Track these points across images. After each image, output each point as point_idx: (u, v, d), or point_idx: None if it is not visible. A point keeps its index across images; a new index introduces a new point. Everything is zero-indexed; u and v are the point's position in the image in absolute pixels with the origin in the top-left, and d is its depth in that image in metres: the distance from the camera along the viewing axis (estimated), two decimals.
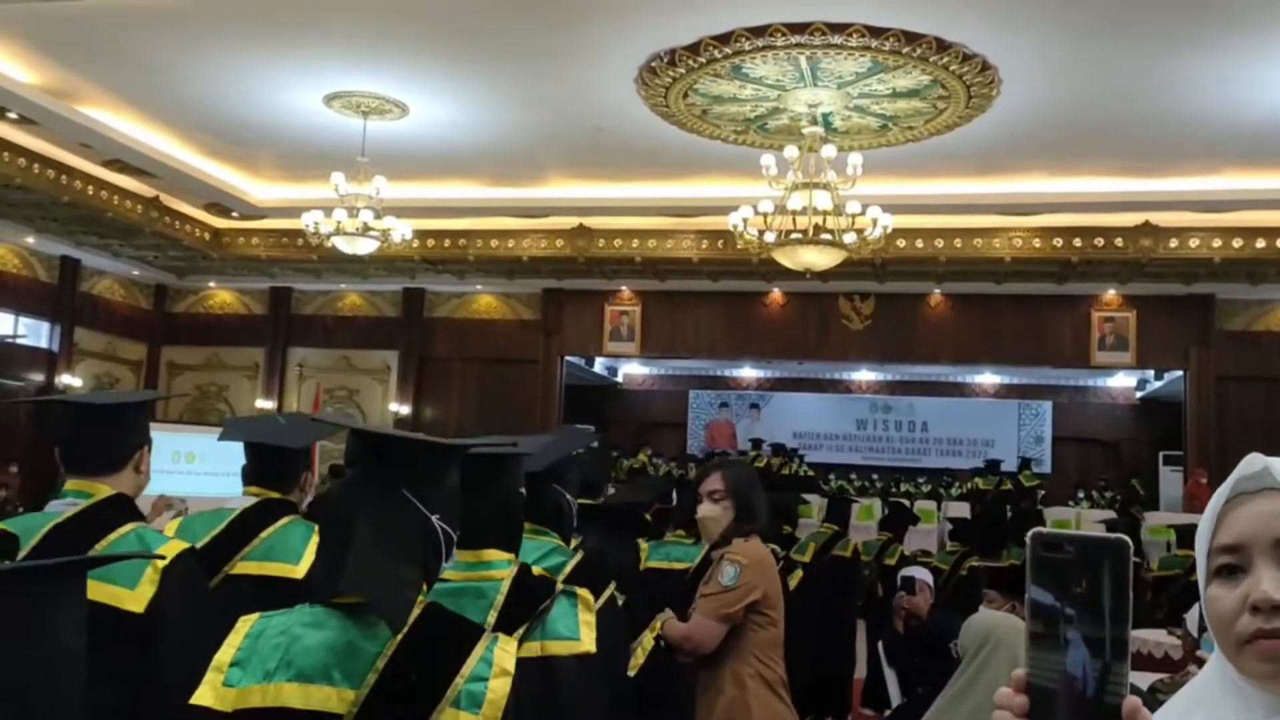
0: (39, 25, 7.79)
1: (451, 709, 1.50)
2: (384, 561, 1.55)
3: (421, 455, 1.66)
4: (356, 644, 1.52)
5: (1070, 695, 0.83)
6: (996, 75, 7.99)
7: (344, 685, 1.49)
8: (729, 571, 3.19)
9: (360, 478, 1.64)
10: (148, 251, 13.65)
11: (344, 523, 1.58)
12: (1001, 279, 12.85)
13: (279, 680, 1.50)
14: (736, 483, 3.37)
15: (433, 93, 8.87)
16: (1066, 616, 0.83)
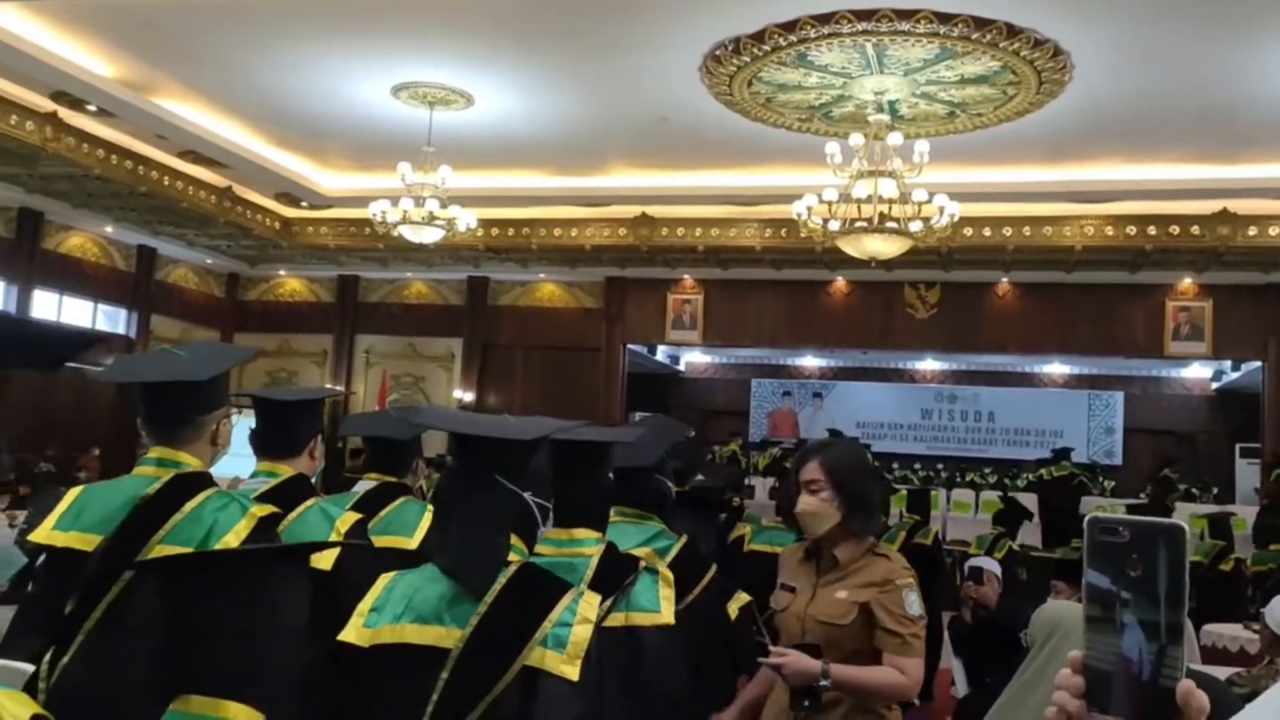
0: (118, 20, 8.00)
1: (540, 648, 1.79)
2: (475, 536, 1.88)
3: (509, 445, 1.96)
4: (463, 595, 1.83)
5: (1126, 677, 0.84)
6: (1069, 60, 7.83)
7: (452, 626, 1.81)
8: (914, 599, 2.75)
9: (460, 467, 1.98)
10: (221, 240, 13.97)
11: (447, 504, 1.96)
12: (1071, 268, 12.62)
13: (404, 621, 1.83)
14: (837, 470, 2.81)
15: (498, 83, 8.94)
16: (1122, 600, 0.84)
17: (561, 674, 1.79)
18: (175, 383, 2.35)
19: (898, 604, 2.73)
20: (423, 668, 1.78)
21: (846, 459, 2.89)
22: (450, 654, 1.79)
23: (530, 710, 1.78)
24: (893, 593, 2.74)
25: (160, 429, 2.36)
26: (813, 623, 2.83)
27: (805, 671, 2.67)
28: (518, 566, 1.89)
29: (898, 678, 2.70)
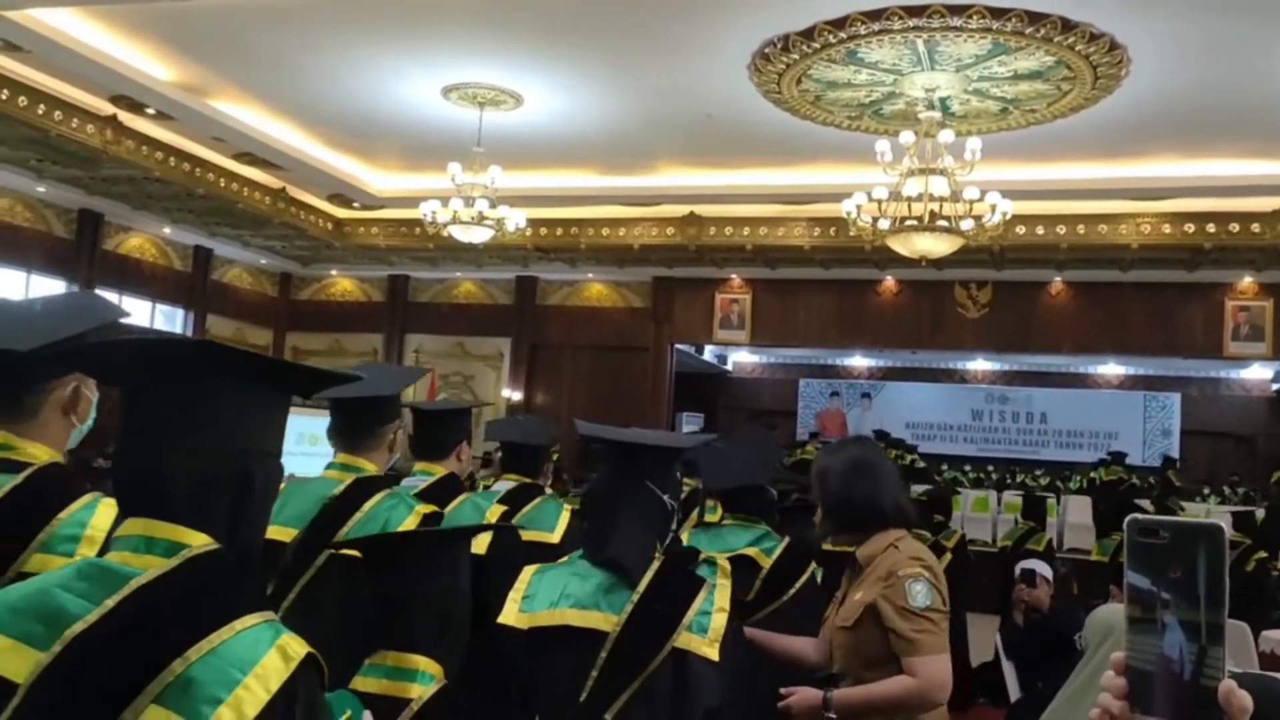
0: (176, 24, 8.16)
1: (686, 632, 2.10)
2: (633, 533, 2.21)
3: (658, 453, 2.31)
4: (617, 585, 2.15)
5: (1167, 677, 0.85)
6: (1125, 55, 7.70)
7: (609, 611, 2.11)
8: (919, 590, 2.56)
9: (614, 472, 2.30)
10: (275, 241, 14.19)
11: (604, 504, 2.28)
12: (1127, 266, 12.40)
13: (561, 607, 2.14)
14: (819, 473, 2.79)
15: (547, 83, 8.99)
16: (1163, 601, 0.85)
17: (705, 655, 2.09)
18: (365, 399, 2.66)
19: (901, 596, 2.53)
20: (582, 647, 2.08)
21: (831, 460, 2.81)
22: (609, 636, 2.08)
23: (681, 687, 2.06)
24: (895, 585, 2.55)
25: (347, 438, 2.75)
26: (834, 631, 2.73)
27: (810, 704, 2.57)
28: (663, 560, 2.20)
29: (906, 684, 2.48)
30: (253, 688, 1.14)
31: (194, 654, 1.15)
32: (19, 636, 1.19)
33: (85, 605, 1.19)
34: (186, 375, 1.29)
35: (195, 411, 1.28)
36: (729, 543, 3.35)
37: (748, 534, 3.41)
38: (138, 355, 1.34)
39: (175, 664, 1.14)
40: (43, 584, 1.26)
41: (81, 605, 1.20)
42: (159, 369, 1.31)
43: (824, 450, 2.97)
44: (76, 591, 1.22)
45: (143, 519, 1.27)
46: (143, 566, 1.22)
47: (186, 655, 1.15)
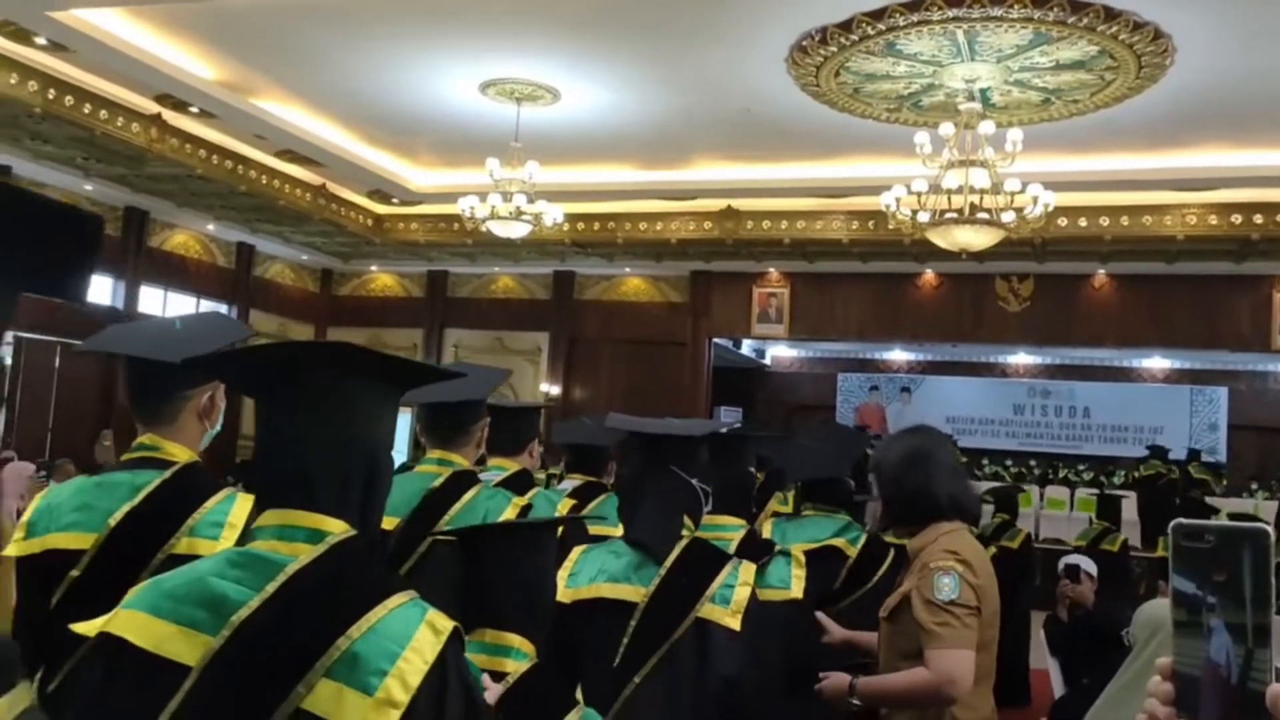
0: (219, 23, 8.26)
1: (709, 604, 2.30)
2: (657, 515, 2.40)
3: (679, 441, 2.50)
4: (647, 562, 2.37)
5: (1214, 682, 0.84)
6: (1170, 44, 7.58)
7: (639, 584, 2.35)
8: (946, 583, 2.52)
9: (641, 459, 2.53)
10: (316, 237, 14.33)
11: (633, 489, 2.51)
12: (1173, 258, 12.21)
13: (598, 581, 2.39)
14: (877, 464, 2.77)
15: (584, 78, 9.00)
16: (1209, 604, 0.84)
17: (727, 625, 2.30)
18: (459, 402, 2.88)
19: (928, 587, 2.51)
20: (614, 616, 2.33)
21: (889, 451, 2.78)
22: (637, 607, 2.32)
23: (704, 653, 2.27)
24: (925, 577, 2.53)
25: (440, 436, 2.94)
26: (880, 622, 2.73)
27: (838, 690, 2.58)
28: (689, 539, 2.43)
29: (920, 676, 2.45)
30: (412, 659, 1.26)
31: (355, 631, 1.26)
32: (184, 622, 1.29)
33: (245, 591, 1.30)
34: (325, 376, 1.40)
35: (332, 409, 1.39)
36: (813, 533, 3.52)
37: (831, 524, 3.59)
38: (281, 359, 1.46)
39: (340, 641, 1.25)
40: (196, 573, 1.36)
41: (241, 591, 1.31)
42: (300, 371, 1.42)
43: (883, 442, 2.91)
44: (232, 579, 1.33)
45: (283, 509, 1.37)
46: (290, 553, 1.33)
47: (349, 633, 1.26)
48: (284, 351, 1.45)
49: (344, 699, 1.23)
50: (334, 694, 1.23)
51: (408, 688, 1.25)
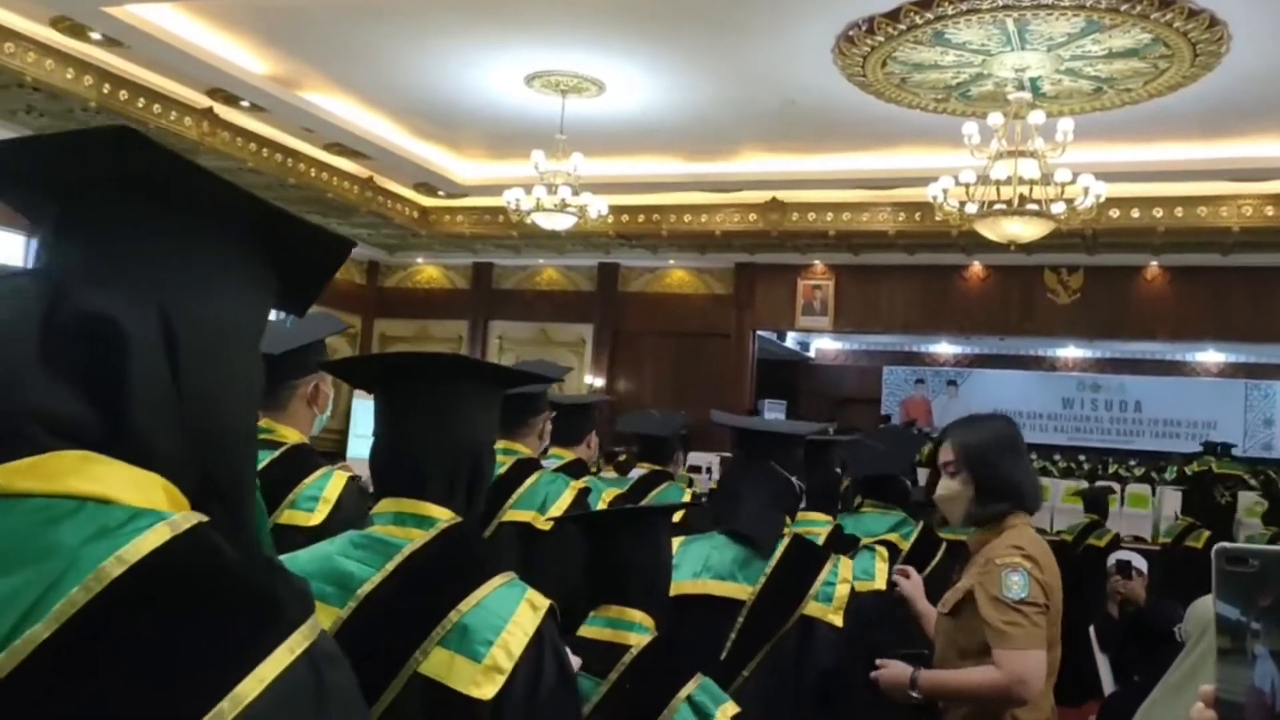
0: (269, 18, 8.37)
1: (814, 601, 2.40)
2: (759, 509, 2.50)
3: (781, 438, 2.60)
4: (751, 559, 2.46)
5: (1258, 710, 0.82)
6: (1226, 31, 7.42)
7: (744, 582, 2.44)
8: (1015, 580, 2.42)
9: (743, 456, 2.63)
10: (362, 229, 14.47)
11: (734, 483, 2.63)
12: (1228, 250, 11.96)
13: (703, 577, 2.46)
14: (968, 448, 2.60)
15: (629, 69, 9.00)
16: (1253, 631, 0.82)
17: (830, 622, 2.41)
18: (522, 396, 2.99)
19: (995, 585, 2.40)
20: (720, 613, 2.43)
21: (982, 435, 2.65)
22: (744, 604, 2.42)
23: (806, 647, 2.37)
24: (991, 573, 2.42)
25: (505, 427, 2.97)
26: (937, 616, 2.68)
27: (897, 681, 2.51)
28: (792, 536, 2.53)
29: (990, 675, 2.36)
30: (514, 632, 1.42)
31: (465, 606, 1.43)
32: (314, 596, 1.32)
33: (366, 569, 1.48)
34: (435, 382, 1.58)
35: (441, 411, 1.55)
36: (870, 527, 3.64)
37: (887, 519, 3.74)
38: (399, 365, 1.65)
39: (451, 614, 1.42)
40: (324, 551, 1.53)
41: (363, 569, 1.48)
42: (414, 377, 1.59)
43: (960, 426, 2.72)
44: (356, 558, 1.50)
45: (398, 498, 1.53)
46: (405, 537, 1.50)
47: (459, 607, 1.43)
48: (401, 359, 1.64)
49: (455, 665, 1.40)
50: (447, 660, 1.40)
51: (511, 656, 1.40)
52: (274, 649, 0.68)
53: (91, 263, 0.78)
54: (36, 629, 0.64)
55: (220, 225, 0.84)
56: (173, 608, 0.68)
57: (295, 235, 0.89)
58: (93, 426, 0.74)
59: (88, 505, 0.71)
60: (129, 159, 0.78)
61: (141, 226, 0.80)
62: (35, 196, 0.83)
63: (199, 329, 0.80)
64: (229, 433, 0.83)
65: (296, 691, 0.69)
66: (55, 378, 0.73)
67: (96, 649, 0.65)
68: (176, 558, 0.69)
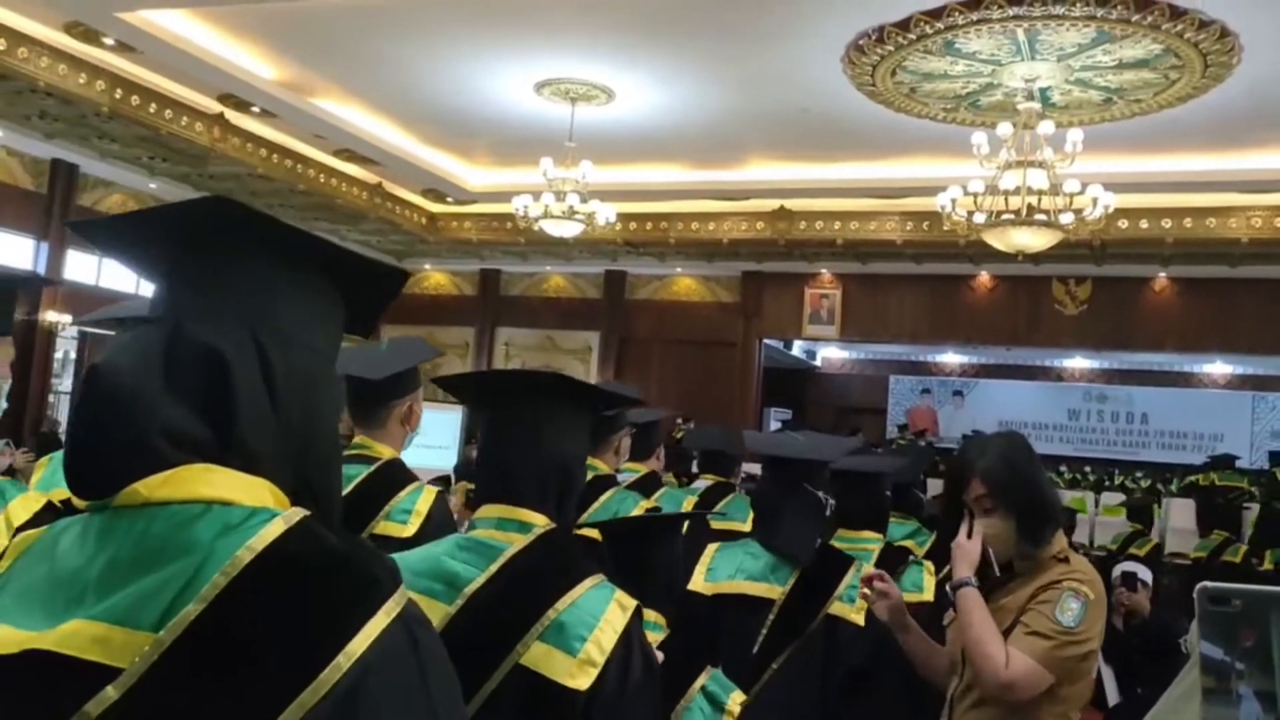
0: (280, 24, 8.40)
1: (838, 602, 2.62)
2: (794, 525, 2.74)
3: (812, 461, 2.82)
4: (782, 564, 2.71)
5: None
6: (1236, 42, 7.43)
7: (776, 583, 2.68)
8: (1073, 608, 2.29)
9: (777, 476, 2.86)
10: (371, 235, 14.51)
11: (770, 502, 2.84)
12: (1236, 261, 11.95)
13: (737, 579, 2.72)
14: (1000, 479, 2.44)
15: (639, 77, 9.02)
16: (1238, 671, 0.82)
17: (853, 620, 2.60)
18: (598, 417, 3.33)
19: (1052, 600, 2.31)
20: (753, 611, 2.66)
21: (1009, 460, 2.49)
22: (775, 603, 2.64)
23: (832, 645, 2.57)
24: (1053, 591, 2.32)
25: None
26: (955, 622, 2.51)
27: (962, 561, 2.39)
28: (820, 546, 2.79)
29: (999, 657, 2.27)
30: (605, 629, 1.55)
31: (562, 604, 1.56)
32: (424, 592, 1.57)
33: (472, 570, 1.62)
34: (540, 399, 1.72)
35: (543, 425, 1.70)
36: (891, 534, 3.78)
37: (904, 528, 3.98)
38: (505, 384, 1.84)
39: (549, 612, 1.55)
40: (432, 553, 1.68)
41: (469, 569, 1.62)
42: (521, 394, 1.75)
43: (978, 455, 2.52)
44: (461, 559, 1.64)
45: (499, 504, 1.68)
46: (506, 540, 1.64)
47: (556, 605, 1.55)
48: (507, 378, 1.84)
49: (553, 657, 1.52)
50: (545, 653, 1.53)
51: (603, 651, 1.53)
52: (374, 612, 0.84)
53: (198, 306, 0.95)
54: (190, 608, 0.82)
55: (299, 268, 1.00)
56: (293, 584, 0.85)
57: (360, 271, 1.04)
58: (208, 441, 0.91)
59: (213, 508, 0.89)
60: (223, 221, 0.97)
61: (235, 274, 0.97)
62: (148, 257, 1.01)
63: (287, 355, 0.97)
64: (317, 440, 0.99)
65: (395, 646, 0.85)
66: (177, 402, 0.90)
67: (237, 620, 0.82)
68: (292, 544, 0.86)
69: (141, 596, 0.83)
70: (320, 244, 1.01)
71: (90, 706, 0.80)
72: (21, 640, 0.84)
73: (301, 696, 0.79)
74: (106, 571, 0.86)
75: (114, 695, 0.80)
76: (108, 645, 0.82)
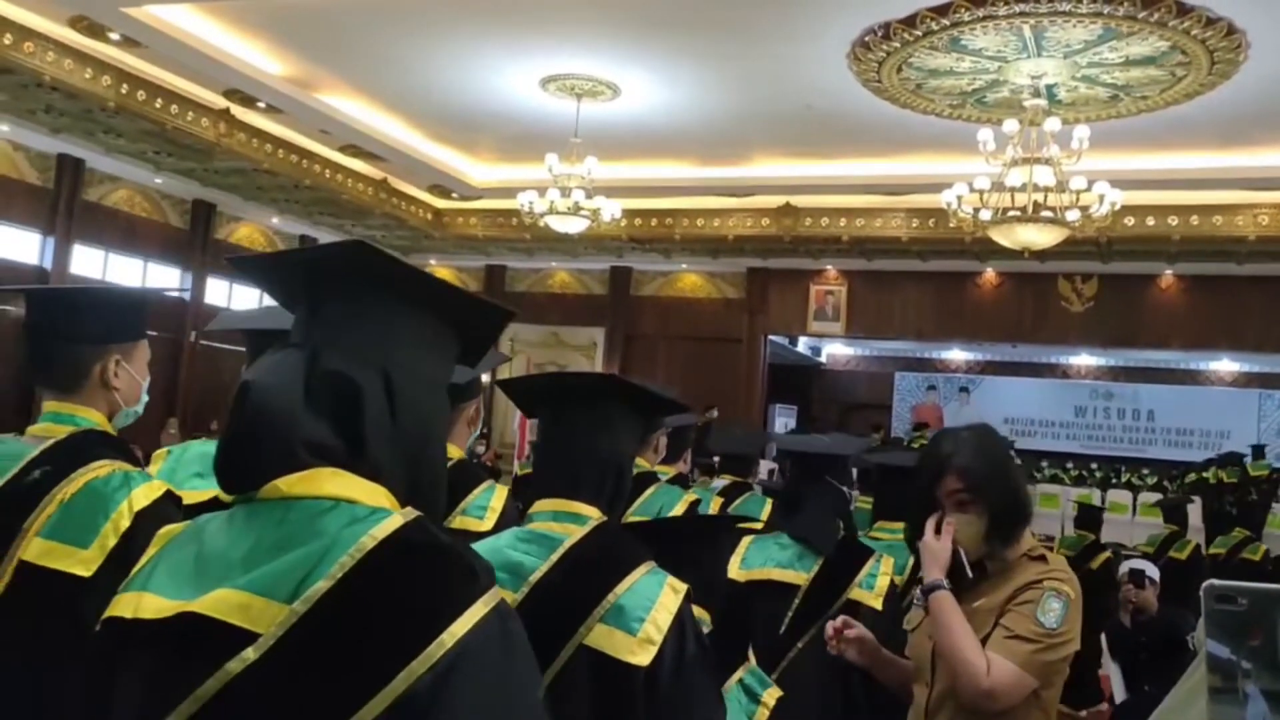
0: (286, 21, 8.41)
1: (858, 588, 2.88)
2: (817, 518, 3.01)
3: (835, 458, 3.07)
4: (808, 553, 2.98)
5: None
6: (1244, 39, 7.40)
7: (801, 571, 2.96)
8: (1055, 608, 2.20)
9: (802, 472, 3.13)
10: (376, 231, 14.51)
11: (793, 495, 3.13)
12: (1243, 259, 11.91)
13: (768, 567, 2.99)
14: (979, 474, 2.32)
15: (645, 73, 9.01)
16: (1244, 670, 0.82)
17: (871, 605, 2.83)
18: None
19: (1033, 601, 2.22)
20: (781, 596, 2.91)
21: (988, 454, 2.37)
22: (800, 589, 2.91)
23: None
24: (1034, 591, 2.23)
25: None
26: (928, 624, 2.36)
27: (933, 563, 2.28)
28: (842, 537, 3.03)
29: (979, 664, 2.16)
30: (660, 611, 1.68)
31: (620, 589, 1.68)
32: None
33: (534, 560, 1.73)
34: (596, 401, 1.84)
35: (598, 425, 1.82)
36: None
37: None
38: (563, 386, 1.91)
39: (609, 596, 1.67)
40: (496, 544, 1.79)
41: (531, 560, 1.73)
42: (578, 396, 1.86)
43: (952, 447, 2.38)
44: (523, 550, 1.76)
45: (555, 499, 1.80)
46: (564, 532, 1.75)
47: (615, 590, 1.68)
48: (565, 381, 1.92)
49: (615, 637, 1.65)
50: (607, 634, 1.66)
51: (660, 629, 1.66)
52: (474, 601, 0.97)
53: (335, 338, 1.09)
54: (320, 584, 0.95)
55: (423, 307, 1.14)
56: (407, 570, 0.98)
57: (475, 311, 1.19)
58: (339, 451, 1.06)
59: (340, 504, 1.03)
60: (361, 264, 1.09)
61: (369, 312, 1.11)
62: (292, 290, 1.16)
63: (409, 382, 1.11)
64: (428, 455, 1.15)
65: (490, 633, 0.97)
66: (315, 418, 1.06)
67: (359, 596, 0.95)
68: (408, 535, 1.00)
69: (278, 573, 0.97)
70: (443, 288, 1.14)
71: (232, 664, 0.94)
72: (175, 606, 1.00)
73: (410, 666, 0.92)
74: (249, 552, 1.01)
75: (253, 656, 0.94)
76: (248, 611, 0.96)
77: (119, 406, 2.01)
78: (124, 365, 1.98)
